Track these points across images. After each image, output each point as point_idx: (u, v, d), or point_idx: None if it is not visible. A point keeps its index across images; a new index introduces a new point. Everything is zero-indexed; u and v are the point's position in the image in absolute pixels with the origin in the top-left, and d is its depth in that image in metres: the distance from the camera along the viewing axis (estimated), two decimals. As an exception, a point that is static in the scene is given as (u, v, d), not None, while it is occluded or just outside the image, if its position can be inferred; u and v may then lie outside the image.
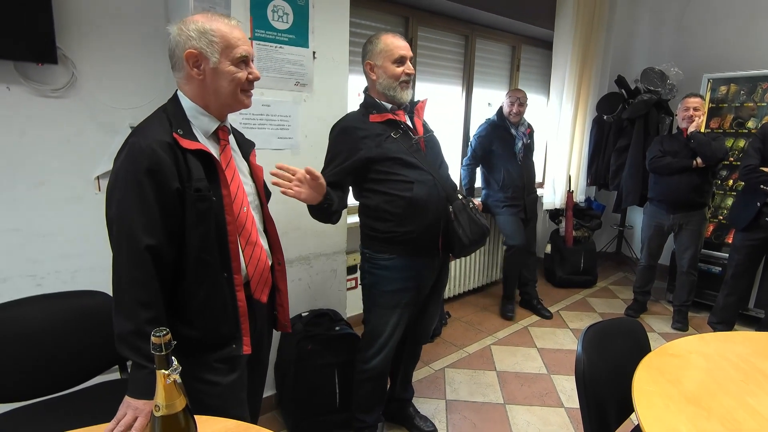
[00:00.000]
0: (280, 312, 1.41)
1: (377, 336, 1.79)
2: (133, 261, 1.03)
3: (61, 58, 1.69)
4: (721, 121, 3.63)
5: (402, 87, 1.67)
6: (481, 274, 3.84)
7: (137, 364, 1.03)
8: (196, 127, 1.15)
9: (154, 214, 1.04)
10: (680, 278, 3.29)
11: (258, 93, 1.91)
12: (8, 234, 1.71)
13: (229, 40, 1.12)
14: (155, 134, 1.07)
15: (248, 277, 1.23)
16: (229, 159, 1.21)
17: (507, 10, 3.32)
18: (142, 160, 1.03)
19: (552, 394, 2.46)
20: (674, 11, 4.18)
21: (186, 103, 1.15)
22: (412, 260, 1.72)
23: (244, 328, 1.21)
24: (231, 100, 1.17)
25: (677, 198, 3.08)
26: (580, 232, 4.11)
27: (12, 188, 1.70)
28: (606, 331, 1.38)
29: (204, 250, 1.11)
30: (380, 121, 1.67)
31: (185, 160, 1.08)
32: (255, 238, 1.23)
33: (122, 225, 1.04)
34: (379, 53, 1.66)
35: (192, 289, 1.13)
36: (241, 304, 1.19)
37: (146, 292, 1.04)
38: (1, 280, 1.72)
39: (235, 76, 1.14)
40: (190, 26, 1.10)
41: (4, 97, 1.65)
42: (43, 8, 1.59)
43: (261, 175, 1.35)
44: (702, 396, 1.18)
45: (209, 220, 1.11)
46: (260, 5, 1.85)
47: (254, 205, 1.29)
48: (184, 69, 1.12)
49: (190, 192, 1.08)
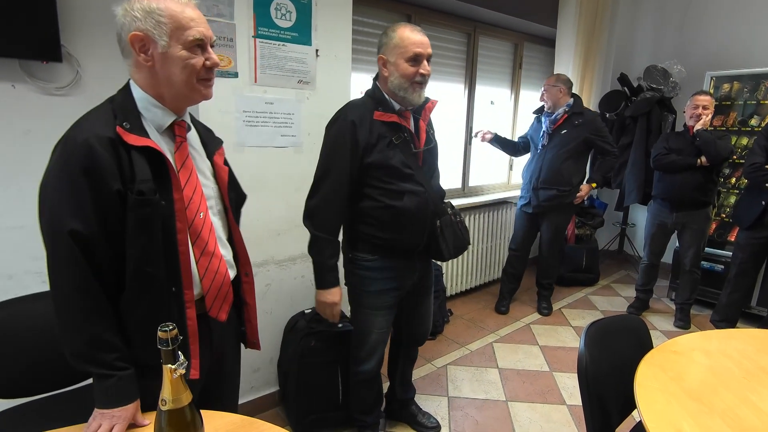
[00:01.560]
0: (248, 328, 1.27)
1: (365, 337, 1.78)
2: (72, 268, 0.92)
3: (65, 56, 1.70)
4: (725, 119, 3.63)
5: (414, 88, 1.54)
6: (483, 272, 3.85)
7: (102, 375, 0.95)
8: (148, 120, 1.01)
9: (90, 220, 0.92)
10: (683, 276, 3.29)
11: (261, 90, 1.92)
12: (13, 231, 1.72)
13: (180, 20, 0.97)
14: (94, 128, 0.94)
15: (203, 292, 1.08)
16: (185, 157, 1.06)
17: (510, 8, 3.32)
18: (78, 157, 0.91)
19: (554, 391, 2.47)
20: (677, 8, 4.16)
21: (137, 94, 1.01)
22: (393, 262, 1.70)
23: (192, 350, 1.04)
24: (186, 90, 1.02)
25: (681, 196, 3.08)
26: (582, 230, 4.11)
27: (17, 185, 1.71)
28: (608, 328, 1.38)
29: (146, 261, 0.96)
30: (385, 120, 1.58)
31: (129, 158, 0.94)
32: (213, 247, 1.08)
33: (56, 230, 0.91)
34: (393, 48, 1.52)
35: (132, 303, 0.98)
36: (191, 323, 1.04)
37: (91, 297, 0.94)
38: (6, 276, 1.73)
39: (188, 63, 0.99)
40: (135, 5, 0.97)
41: (9, 95, 1.66)
42: (47, 7, 1.59)
43: (225, 177, 1.18)
44: (704, 392, 1.18)
45: (154, 227, 0.97)
46: (263, 3, 1.85)
47: (215, 210, 1.14)
48: (132, 55, 0.99)
49: (132, 195, 0.93)
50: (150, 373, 0.95)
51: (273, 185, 2.05)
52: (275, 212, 2.08)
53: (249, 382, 2.13)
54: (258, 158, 1.97)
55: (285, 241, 2.14)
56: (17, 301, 1.41)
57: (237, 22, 1.80)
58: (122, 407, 0.95)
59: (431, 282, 1.93)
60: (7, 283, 1.73)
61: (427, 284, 1.90)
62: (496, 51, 3.75)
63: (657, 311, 3.58)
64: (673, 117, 3.98)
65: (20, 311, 1.39)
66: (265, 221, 2.06)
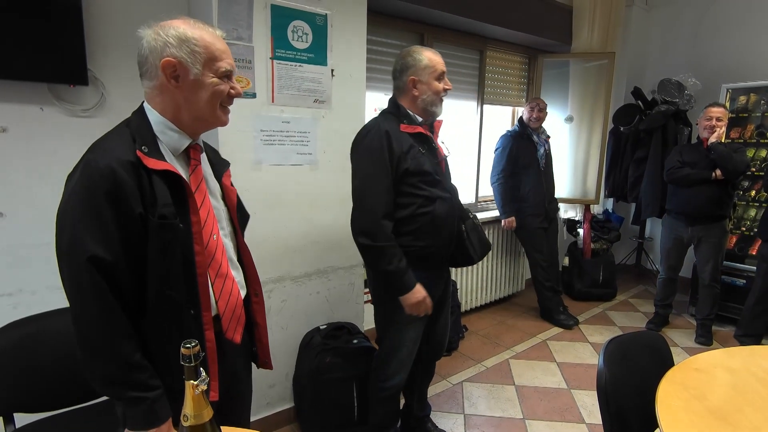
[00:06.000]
0: (259, 348, 1.27)
1: (396, 352, 1.77)
2: (95, 294, 0.91)
3: (91, 79, 1.77)
4: (742, 131, 3.59)
5: (440, 102, 1.69)
6: (499, 287, 3.82)
7: (136, 398, 0.94)
8: (164, 144, 1.02)
9: (113, 245, 0.92)
10: (702, 291, 3.22)
11: (278, 110, 1.97)
12: (38, 248, 1.78)
13: (213, 51, 1.01)
14: (116, 152, 0.94)
15: (219, 313, 1.09)
16: (200, 181, 1.08)
17: (522, 25, 3.35)
18: (100, 182, 0.90)
19: (573, 409, 2.42)
20: (690, 21, 4.16)
21: (153, 117, 1.02)
22: (424, 273, 1.71)
23: (211, 371, 1.05)
24: (208, 115, 1.05)
25: (696, 210, 3.03)
26: (599, 244, 4.07)
27: (43, 204, 1.76)
28: (628, 344, 1.36)
29: (168, 285, 0.98)
30: (411, 132, 1.65)
31: (150, 182, 0.95)
32: (225, 269, 1.10)
33: (77, 256, 0.90)
34: (423, 69, 1.65)
35: (153, 326, 0.99)
36: (210, 345, 1.05)
37: (116, 321, 0.93)
38: (30, 292, 1.78)
39: (218, 89, 1.03)
40: (169, 32, 0.98)
41: (37, 117, 1.73)
42: (76, 34, 1.67)
43: (234, 198, 1.20)
44: (729, 411, 1.15)
45: (175, 250, 0.98)
46: (281, 26, 1.91)
47: (226, 231, 1.16)
48: (158, 78, 1.00)
49: (154, 219, 0.94)
50: (172, 395, 0.97)
51: (289, 202, 2.08)
52: (291, 229, 2.11)
53: (264, 398, 2.14)
54: (274, 176, 2.01)
55: (301, 258, 2.16)
56: (40, 317, 1.44)
57: (255, 45, 1.86)
58: (155, 428, 0.96)
59: (449, 295, 1.96)
60: (30, 298, 1.77)
61: (447, 297, 1.93)
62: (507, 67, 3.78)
63: (677, 327, 3.51)
64: (688, 130, 3.94)
65: (42, 327, 1.42)
66: (282, 238, 2.09)
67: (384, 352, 1.82)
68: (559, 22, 3.69)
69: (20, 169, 1.73)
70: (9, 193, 1.71)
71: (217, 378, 1.07)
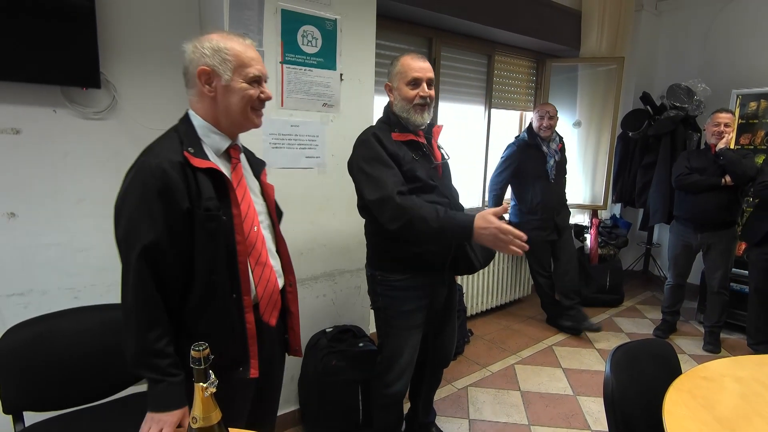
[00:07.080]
0: (291, 336, 1.37)
1: (397, 359, 1.75)
2: (139, 282, 1.03)
3: (103, 82, 1.80)
4: (752, 138, 3.56)
5: (416, 110, 1.62)
6: (505, 291, 3.81)
7: (154, 380, 1.05)
8: (208, 145, 1.15)
9: (163, 235, 1.03)
10: (711, 298, 3.19)
11: (287, 114, 1.98)
12: (50, 248, 1.80)
13: (243, 59, 1.12)
14: (166, 153, 1.07)
15: (257, 298, 1.20)
16: (240, 178, 1.20)
17: (531, 29, 3.35)
18: (153, 180, 1.03)
19: (578, 416, 2.41)
20: (700, 26, 4.14)
21: (197, 122, 1.15)
22: (424, 279, 1.70)
23: (252, 351, 1.18)
24: (241, 118, 1.16)
25: (704, 217, 3.01)
26: (606, 249, 4.05)
27: (55, 205, 1.79)
28: (635, 352, 1.36)
29: (213, 271, 1.10)
30: (402, 140, 1.63)
31: (195, 179, 1.08)
32: (265, 258, 1.21)
33: (131, 245, 1.03)
34: (396, 75, 1.65)
35: (199, 310, 1.11)
36: (250, 327, 1.16)
37: (151, 310, 1.04)
38: (41, 292, 1.80)
39: (246, 93, 1.14)
40: (205, 44, 1.12)
41: (50, 119, 1.75)
42: (89, 37, 1.69)
43: (272, 194, 1.33)
44: (737, 421, 1.15)
45: (219, 239, 1.09)
46: (291, 31, 1.92)
47: (265, 224, 1.27)
48: (196, 86, 1.13)
49: (200, 211, 1.06)
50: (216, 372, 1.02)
51: (297, 205, 2.09)
52: (299, 232, 2.12)
53: (270, 400, 2.14)
54: (283, 179, 2.02)
55: (307, 261, 2.17)
56: (50, 317, 1.46)
57: (265, 49, 1.87)
58: (170, 412, 1.04)
59: (456, 302, 1.93)
60: (41, 298, 1.79)
61: (453, 304, 1.91)
62: (515, 71, 3.78)
63: (685, 334, 3.48)
64: (698, 135, 3.92)
65: (53, 327, 1.44)
66: (289, 240, 2.05)
67: (385, 358, 1.81)
68: (568, 26, 3.69)
69: (33, 170, 1.75)
70: (21, 194, 1.74)
71: (257, 356, 1.18)
